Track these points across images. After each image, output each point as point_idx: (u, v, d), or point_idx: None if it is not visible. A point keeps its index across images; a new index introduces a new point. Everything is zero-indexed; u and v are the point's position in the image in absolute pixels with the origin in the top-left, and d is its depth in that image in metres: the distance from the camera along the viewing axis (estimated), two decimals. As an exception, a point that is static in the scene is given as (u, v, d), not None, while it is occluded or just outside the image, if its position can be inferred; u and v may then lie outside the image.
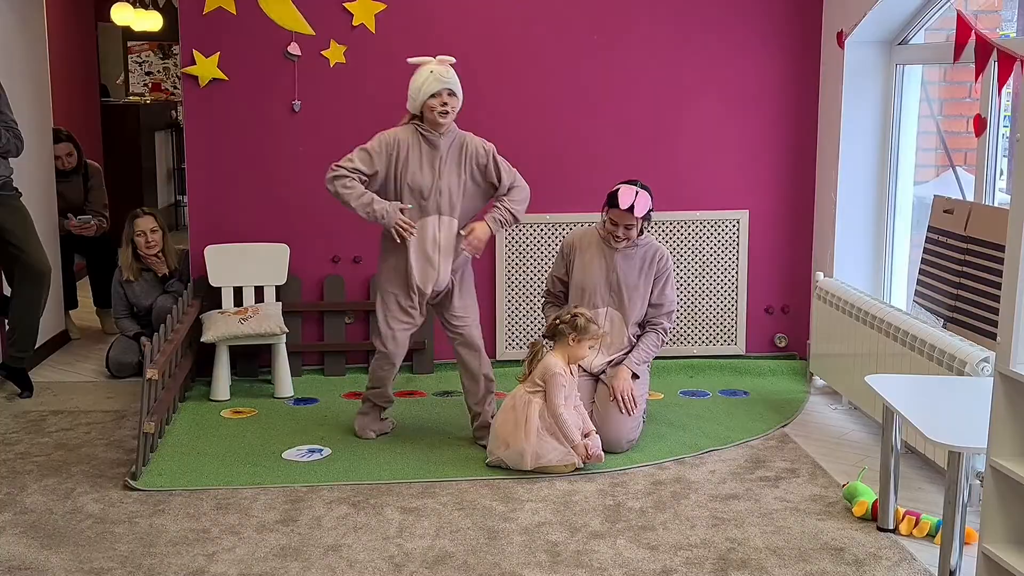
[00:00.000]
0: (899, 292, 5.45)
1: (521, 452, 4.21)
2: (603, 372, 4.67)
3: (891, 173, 5.38)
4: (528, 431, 4.21)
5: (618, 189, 4.56)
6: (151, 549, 3.62)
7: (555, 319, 4.38)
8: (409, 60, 4.47)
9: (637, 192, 4.53)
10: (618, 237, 4.60)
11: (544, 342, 4.45)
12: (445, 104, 4.37)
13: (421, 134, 4.43)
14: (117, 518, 3.86)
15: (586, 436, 4.31)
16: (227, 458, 4.44)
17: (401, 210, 4.41)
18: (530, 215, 5.59)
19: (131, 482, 4.15)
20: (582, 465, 4.30)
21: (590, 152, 5.61)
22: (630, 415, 4.49)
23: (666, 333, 4.74)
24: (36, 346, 5.54)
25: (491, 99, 5.49)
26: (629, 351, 4.68)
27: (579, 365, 4.49)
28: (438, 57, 4.45)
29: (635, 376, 4.61)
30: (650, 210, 4.60)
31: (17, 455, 4.51)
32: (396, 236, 4.41)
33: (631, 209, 4.49)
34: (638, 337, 4.72)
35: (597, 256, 4.67)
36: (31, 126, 5.79)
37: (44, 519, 3.86)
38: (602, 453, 4.32)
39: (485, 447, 4.46)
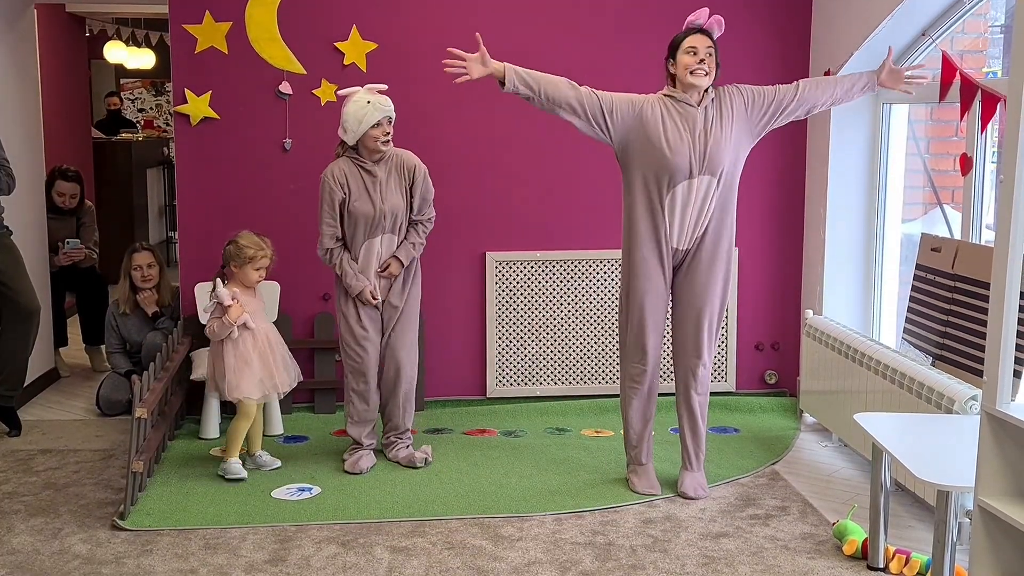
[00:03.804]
0: (888, 330, 5.46)
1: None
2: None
3: (879, 211, 5.41)
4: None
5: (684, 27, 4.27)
6: (138, 590, 3.60)
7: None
8: (338, 92, 4.67)
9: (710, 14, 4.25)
10: (700, 70, 4.19)
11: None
12: (388, 133, 4.50)
13: (359, 165, 4.53)
14: (104, 558, 3.84)
15: None
16: (216, 497, 4.43)
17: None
18: (520, 252, 5.63)
19: (119, 522, 4.13)
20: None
21: (578, 189, 5.63)
22: None
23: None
24: (25, 384, 5.52)
25: (481, 136, 5.54)
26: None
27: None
28: (367, 86, 4.58)
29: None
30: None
31: (4, 494, 4.48)
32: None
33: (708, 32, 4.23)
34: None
35: None
36: (23, 164, 5.79)
37: (31, 559, 3.84)
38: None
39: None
